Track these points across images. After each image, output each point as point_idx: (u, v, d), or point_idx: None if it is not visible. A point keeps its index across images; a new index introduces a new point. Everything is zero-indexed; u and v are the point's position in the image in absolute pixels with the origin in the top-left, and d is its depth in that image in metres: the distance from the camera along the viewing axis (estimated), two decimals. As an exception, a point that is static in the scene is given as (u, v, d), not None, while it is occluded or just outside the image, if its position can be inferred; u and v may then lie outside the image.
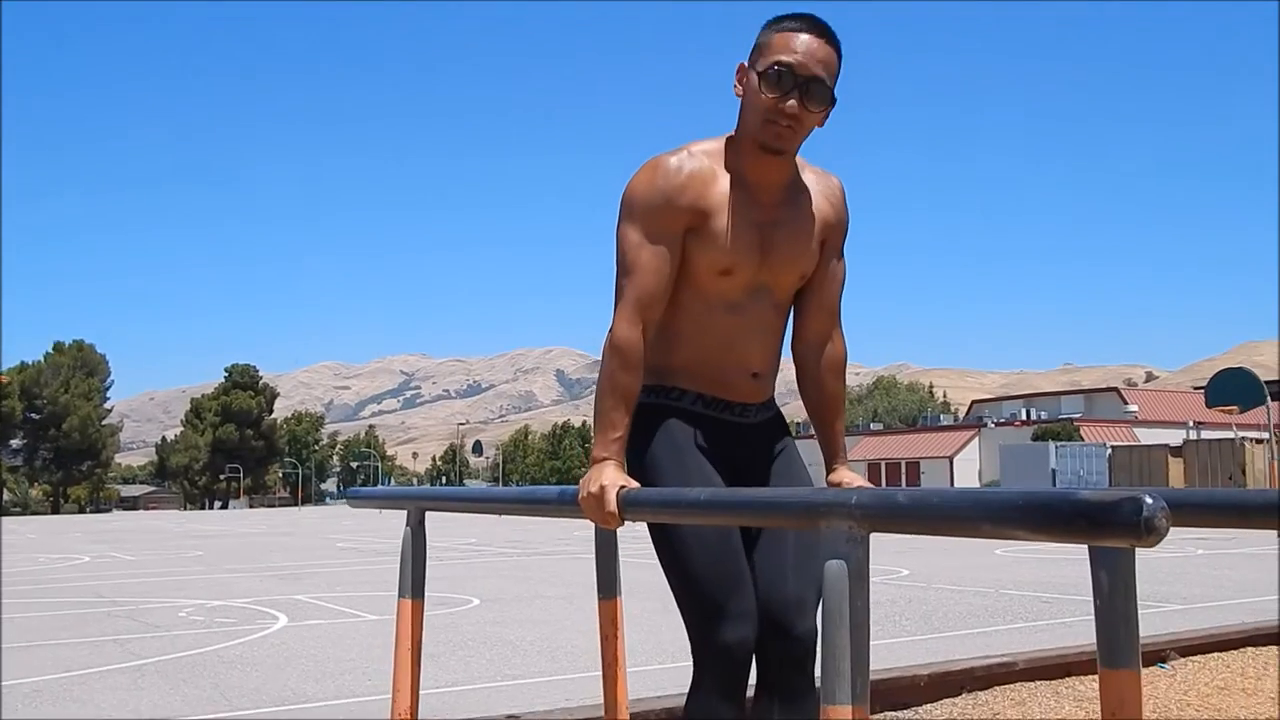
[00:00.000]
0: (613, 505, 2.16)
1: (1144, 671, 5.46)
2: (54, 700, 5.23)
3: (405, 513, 2.85)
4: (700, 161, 2.33)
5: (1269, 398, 18.41)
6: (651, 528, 2.33)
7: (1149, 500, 1.15)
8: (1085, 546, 1.68)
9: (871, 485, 1.92)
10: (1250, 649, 5.93)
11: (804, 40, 2.25)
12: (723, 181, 2.33)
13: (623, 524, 2.21)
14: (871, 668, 5.02)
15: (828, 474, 2.51)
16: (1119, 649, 1.54)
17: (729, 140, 2.38)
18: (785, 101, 2.24)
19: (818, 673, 1.53)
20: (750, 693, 2.33)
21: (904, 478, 64.14)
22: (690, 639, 2.28)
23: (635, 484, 2.23)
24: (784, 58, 2.24)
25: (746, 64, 2.33)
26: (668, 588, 2.36)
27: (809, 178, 2.45)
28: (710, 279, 2.34)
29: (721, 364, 2.39)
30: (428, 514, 2.85)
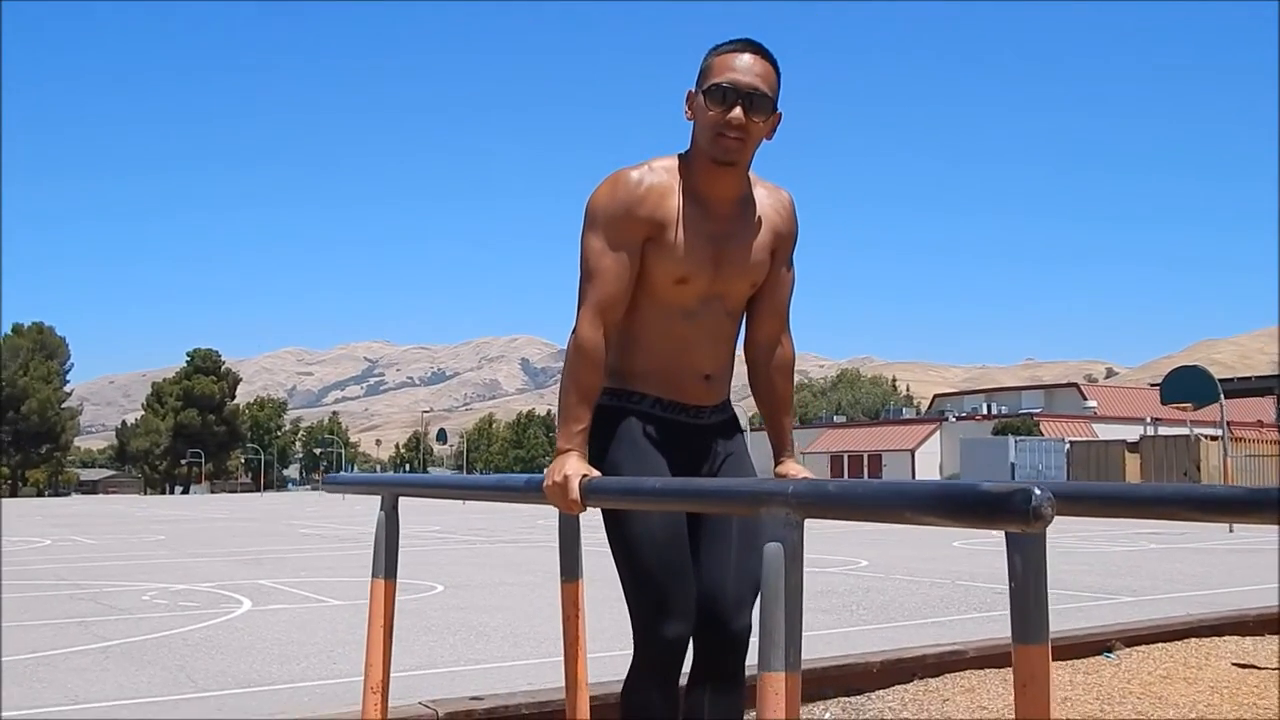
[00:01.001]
0: (575, 493, 2.31)
1: (1089, 661, 5.65)
2: (20, 680, 5.27)
3: (379, 498, 2.96)
4: (659, 176, 2.48)
5: (1222, 395, 18.73)
6: (606, 523, 2.50)
7: (1037, 492, 1.32)
8: (1054, 537, 1.80)
9: (814, 476, 2.07)
10: (1194, 639, 6.12)
11: (743, 59, 2.44)
12: (679, 195, 2.48)
13: (585, 510, 2.36)
14: (826, 655, 5.15)
15: (775, 466, 2.68)
16: (1030, 626, 1.67)
17: (684, 158, 2.53)
18: (731, 113, 2.40)
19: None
20: (689, 681, 2.54)
21: (865, 470, 64.62)
22: (633, 627, 2.46)
23: (597, 473, 2.38)
24: (726, 76, 2.42)
25: (693, 90, 2.50)
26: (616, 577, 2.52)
27: (760, 192, 2.60)
28: (667, 287, 2.49)
29: (677, 368, 2.55)
30: (375, 500, 2.99)
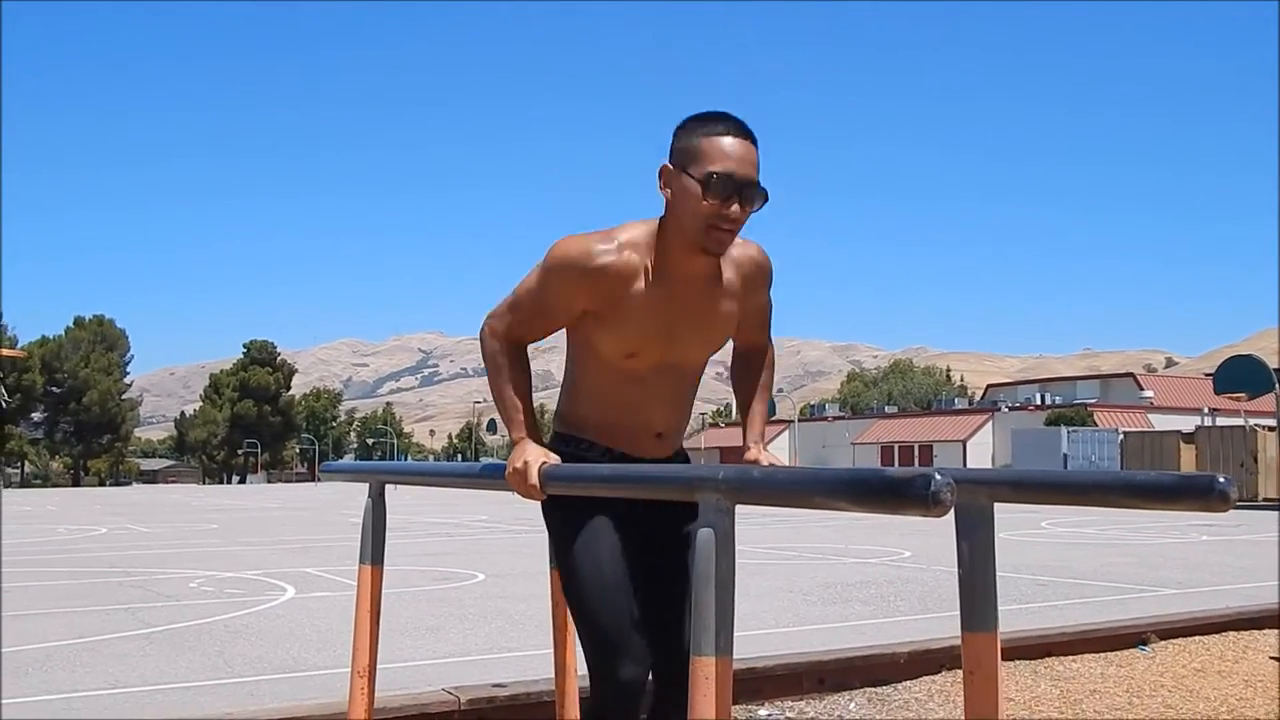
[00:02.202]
0: (534, 478, 2.33)
1: (1122, 653, 5.60)
2: (63, 664, 5.41)
3: (367, 485, 3.04)
4: (627, 257, 2.37)
5: (1277, 385, 18.37)
6: (556, 554, 2.51)
7: (937, 477, 1.35)
8: (1105, 528, 1.81)
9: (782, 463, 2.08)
10: (1232, 633, 6.03)
11: (736, 146, 2.30)
12: (644, 275, 2.39)
13: (545, 497, 2.37)
14: (852, 646, 5.13)
15: (744, 453, 2.62)
16: (979, 614, 1.68)
17: (659, 230, 2.41)
18: (728, 207, 2.29)
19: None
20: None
21: (916, 461, 64.15)
22: (589, 667, 2.42)
23: (556, 459, 2.38)
24: (721, 166, 2.28)
25: (672, 166, 2.36)
26: None
27: (729, 253, 2.46)
28: (616, 359, 2.44)
29: (627, 424, 2.51)
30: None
